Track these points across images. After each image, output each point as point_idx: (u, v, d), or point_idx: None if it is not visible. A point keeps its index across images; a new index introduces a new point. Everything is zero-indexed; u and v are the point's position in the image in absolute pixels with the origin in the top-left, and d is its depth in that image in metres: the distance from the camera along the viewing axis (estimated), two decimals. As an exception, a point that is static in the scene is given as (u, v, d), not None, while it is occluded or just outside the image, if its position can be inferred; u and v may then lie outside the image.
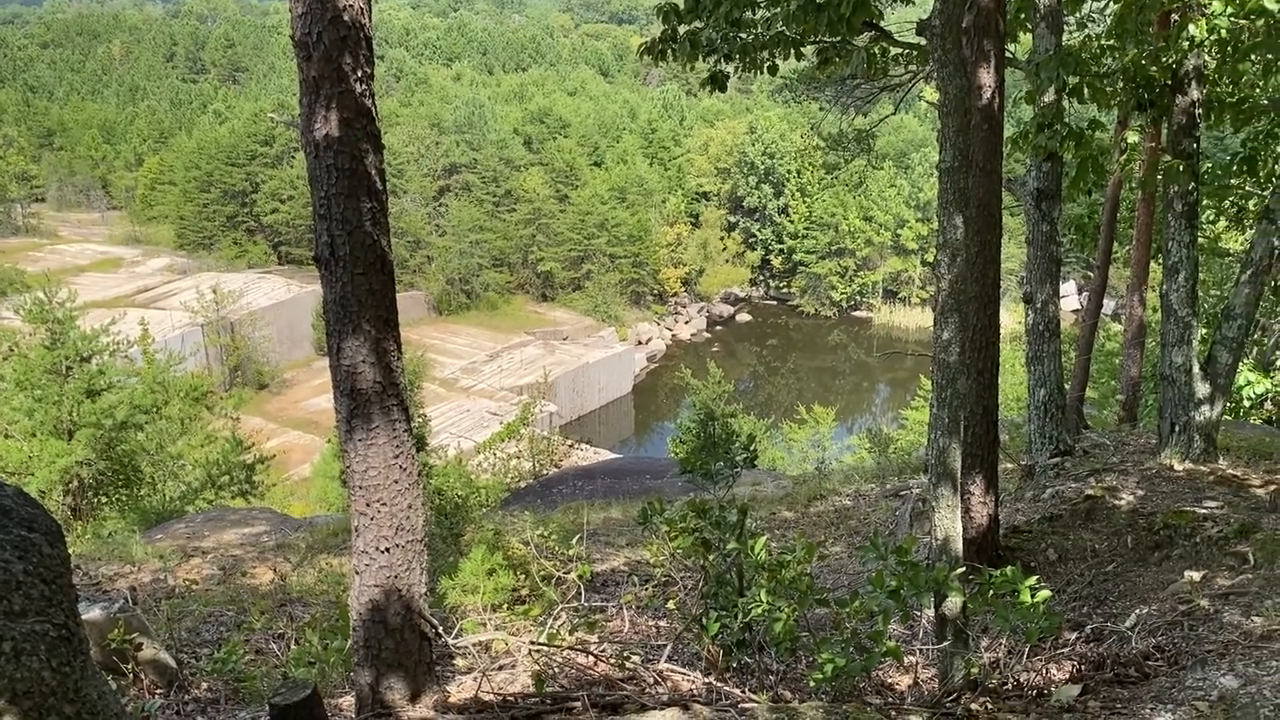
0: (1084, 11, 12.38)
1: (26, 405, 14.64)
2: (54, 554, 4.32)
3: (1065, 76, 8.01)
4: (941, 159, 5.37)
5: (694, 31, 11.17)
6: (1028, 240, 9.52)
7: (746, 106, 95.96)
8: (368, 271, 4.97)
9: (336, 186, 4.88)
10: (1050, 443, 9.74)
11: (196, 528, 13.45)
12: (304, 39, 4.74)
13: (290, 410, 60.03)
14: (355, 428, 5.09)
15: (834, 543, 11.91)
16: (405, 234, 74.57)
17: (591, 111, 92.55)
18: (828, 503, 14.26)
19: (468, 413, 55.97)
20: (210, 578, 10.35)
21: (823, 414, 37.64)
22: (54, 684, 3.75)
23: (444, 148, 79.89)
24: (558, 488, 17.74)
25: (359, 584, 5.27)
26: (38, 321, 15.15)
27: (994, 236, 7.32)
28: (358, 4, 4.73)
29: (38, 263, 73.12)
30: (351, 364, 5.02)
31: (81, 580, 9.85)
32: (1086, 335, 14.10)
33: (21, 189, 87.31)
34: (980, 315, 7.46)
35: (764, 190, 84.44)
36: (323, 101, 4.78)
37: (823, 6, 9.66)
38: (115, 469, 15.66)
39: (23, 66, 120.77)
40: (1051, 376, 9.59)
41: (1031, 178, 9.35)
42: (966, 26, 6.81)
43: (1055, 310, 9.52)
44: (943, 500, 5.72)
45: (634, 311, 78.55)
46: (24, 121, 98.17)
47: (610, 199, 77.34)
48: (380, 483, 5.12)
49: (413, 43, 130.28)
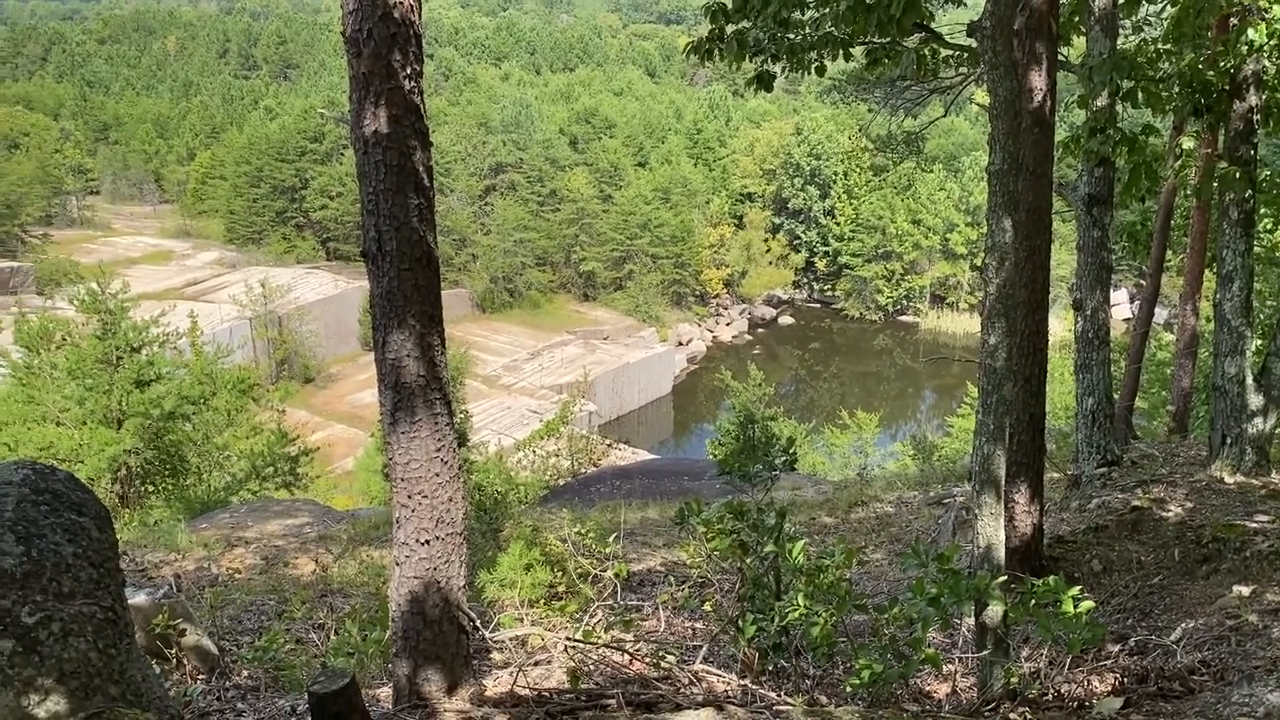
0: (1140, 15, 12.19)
1: (78, 394, 14.94)
2: (102, 538, 4.40)
3: (1119, 80, 7.88)
4: (991, 162, 5.31)
5: (741, 31, 11.13)
6: (1078, 246, 9.38)
7: (794, 107, 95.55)
8: (414, 267, 5.01)
9: (385, 182, 4.92)
10: (1097, 452, 9.58)
11: (240, 518, 13.64)
12: (354, 35, 4.79)
13: (335, 404, 60.72)
14: (399, 420, 5.13)
15: (874, 549, 11.82)
16: (451, 232, 75.11)
17: (637, 112, 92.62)
18: (869, 509, 14.16)
19: (508, 410, 56.28)
20: (253, 567, 10.50)
21: (866, 419, 37.34)
22: (100, 665, 3.83)
23: (490, 147, 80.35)
24: (595, 486, 17.77)
25: (399, 575, 5.32)
26: (90, 312, 15.47)
27: (1043, 241, 7.22)
28: (408, 1, 4.77)
29: (91, 254, 74.64)
30: (396, 357, 5.06)
31: (128, 567, 10.02)
32: (1137, 344, 13.87)
33: (77, 182, 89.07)
34: (1028, 321, 7.36)
35: (809, 192, 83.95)
36: (372, 98, 4.82)
37: (872, 7, 9.59)
38: (162, 458, 15.93)
39: (81, 62, 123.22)
40: (1100, 385, 9.44)
41: (1083, 183, 9.21)
42: (1018, 29, 6.72)
43: (1105, 318, 9.37)
44: (986, 508, 5.65)
45: (675, 312, 78.50)
46: (81, 116, 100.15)
47: (654, 199, 77.35)
48: (422, 475, 5.16)
49: (462, 42, 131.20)
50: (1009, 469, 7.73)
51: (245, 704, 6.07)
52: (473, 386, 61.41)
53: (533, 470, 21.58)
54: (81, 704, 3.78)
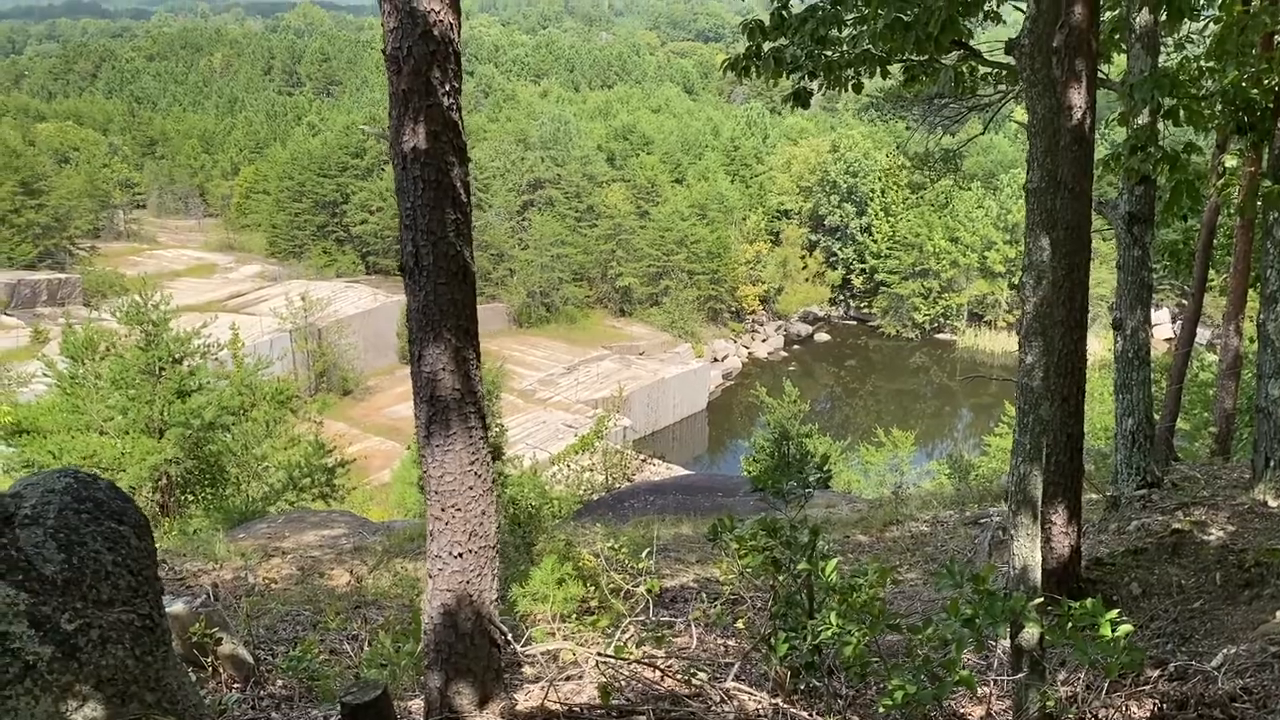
0: (1183, 32, 12.08)
1: (121, 403, 15.20)
2: (141, 547, 4.48)
3: (1160, 98, 7.81)
4: (1029, 179, 5.27)
5: (778, 48, 11.15)
6: (1118, 265, 9.28)
7: (831, 125, 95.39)
8: (450, 281, 5.06)
9: (423, 198, 4.98)
10: (1137, 474, 9.45)
11: (278, 528, 13.77)
12: (394, 53, 4.86)
13: (373, 416, 61.22)
14: (433, 433, 5.17)
15: (909, 569, 11.70)
16: (489, 247, 75.68)
17: (675, 128, 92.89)
18: (904, 528, 14.02)
19: (544, 424, 56.44)
20: (289, 577, 10.59)
21: (902, 437, 37.07)
22: (137, 672, 3.88)
23: (529, 163, 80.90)
24: (629, 502, 17.76)
25: (432, 588, 5.35)
26: (133, 323, 15.74)
27: (1082, 260, 7.15)
28: (447, 19, 4.84)
29: (137, 267, 75.90)
30: (432, 371, 5.11)
31: (167, 575, 10.15)
32: (1179, 364, 13.68)
33: (125, 196, 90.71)
34: (1066, 340, 7.29)
35: (846, 209, 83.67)
36: (411, 114, 4.89)
37: (910, 24, 9.58)
38: (202, 468, 16.16)
39: (130, 78, 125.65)
40: (1140, 406, 9.32)
41: (1124, 201, 9.12)
42: (1057, 46, 6.67)
43: (1146, 337, 9.26)
44: (1022, 528, 5.59)
45: (711, 328, 78.43)
46: (129, 131, 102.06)
47: (690, 215, 77.47)
48: (456, 488, 5.20)
49: (501, 59, 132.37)
50: (1046, 490, 7.65)
51: (279, 713, 6.13)
52: (509, 401, 61.69)
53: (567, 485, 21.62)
54: (118, 710, 3.84)
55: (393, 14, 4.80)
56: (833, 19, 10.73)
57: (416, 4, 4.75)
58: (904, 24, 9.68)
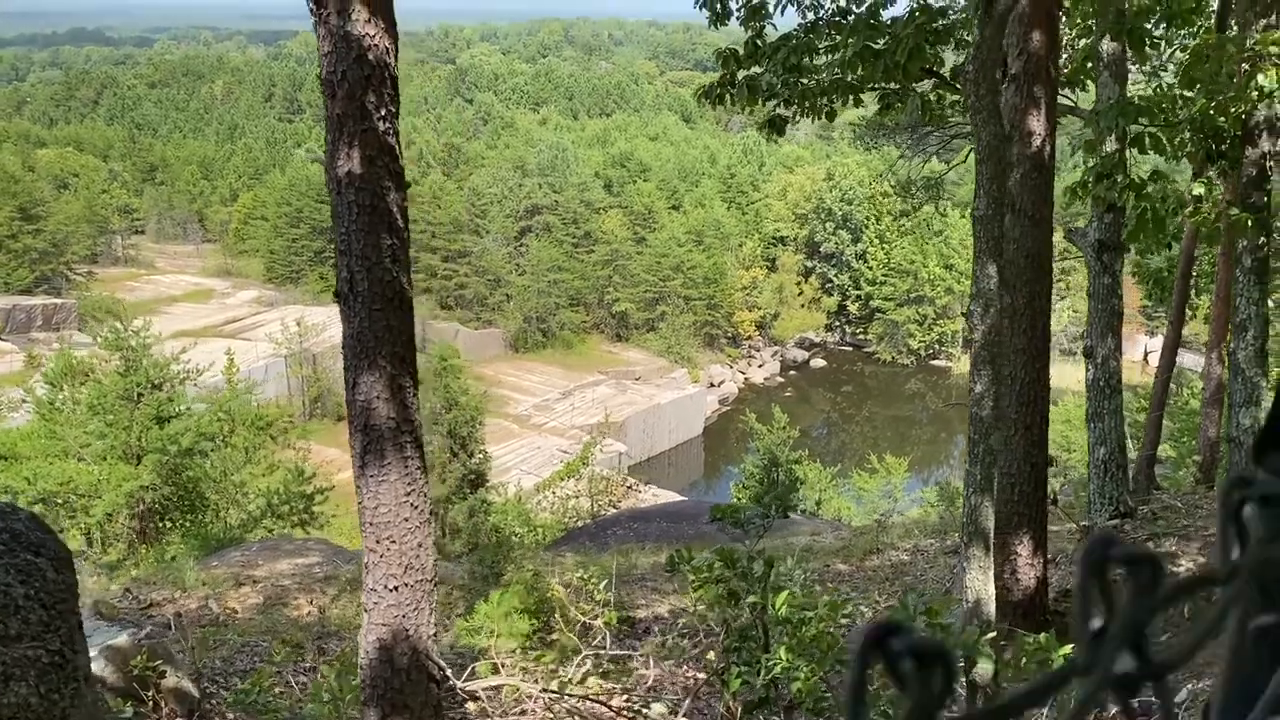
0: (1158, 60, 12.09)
1: (98, 429, 15.10)
2: (59, 580, 4.37)
3: (1125, 125, 7.77)
4: (975, 206, 5.22)
5: (753, 76, 11.16)
6: (1089, 292, 9.22)
7: (826, 153, 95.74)
8: (385, 308, 4.99)
9: (357, 223, 4.92)
10: (1110, 504, 9.35)
11: (252, 556, 13.63)
12: (329, 77, 4.81)
13: (366, 442, 60.93)
14: (368, 464, 5.09)
15: (888, 599, 11.58)
16: (486, 272, 75.80)
17: (672, 156, 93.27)
18: (884, 557, 13.89)
19: (539, 450, 56.23)
20: (254, 606, 10.46)
21: (895, 464, 36.90)
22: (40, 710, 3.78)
23: (527, 189, 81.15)
24: (612, 529, 17.62)
25: (368, 622, 5.25)
26: (113, 349, 15.66)
27: (1043, 287, 7.09)
28: (383, 44, 4.79)
29: (134, 292, 76.00)
30: (366, 400, 5.03)
31: (130, 604, 10.03)
32: (1158, 392, 13.59)
33: (123, 221, 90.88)
34: (1028, 369, 7.20)
35: (841, 236, 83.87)
36: (346, 139, 4.84)
37: (880, 53, 9.59)
38: (180, 494, 16.03)
39: (131, 105, 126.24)
40: (1113, 434, 9.22)
41: (1093, 229, 9.07)
42: (1015, 73, 6.65)
43: (1117, 365, 9.18)
44: (974, 561, 5.50)
45: (707, 353, 78.39)
46: (129, 157, 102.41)
47: (687, 242, 77.65)
48: (391, 520, 5.11)
49: (501, 88, 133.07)
50: (1010, 520, 7.55)
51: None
52: (503, 426, 61.54)
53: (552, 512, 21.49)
54: (15, 750, 3.73)
55: (327, 38, 4.76)
56: (805, 47, 10.75)
57: (351, 28, 4.71)
58: (873, 52, 9.70)
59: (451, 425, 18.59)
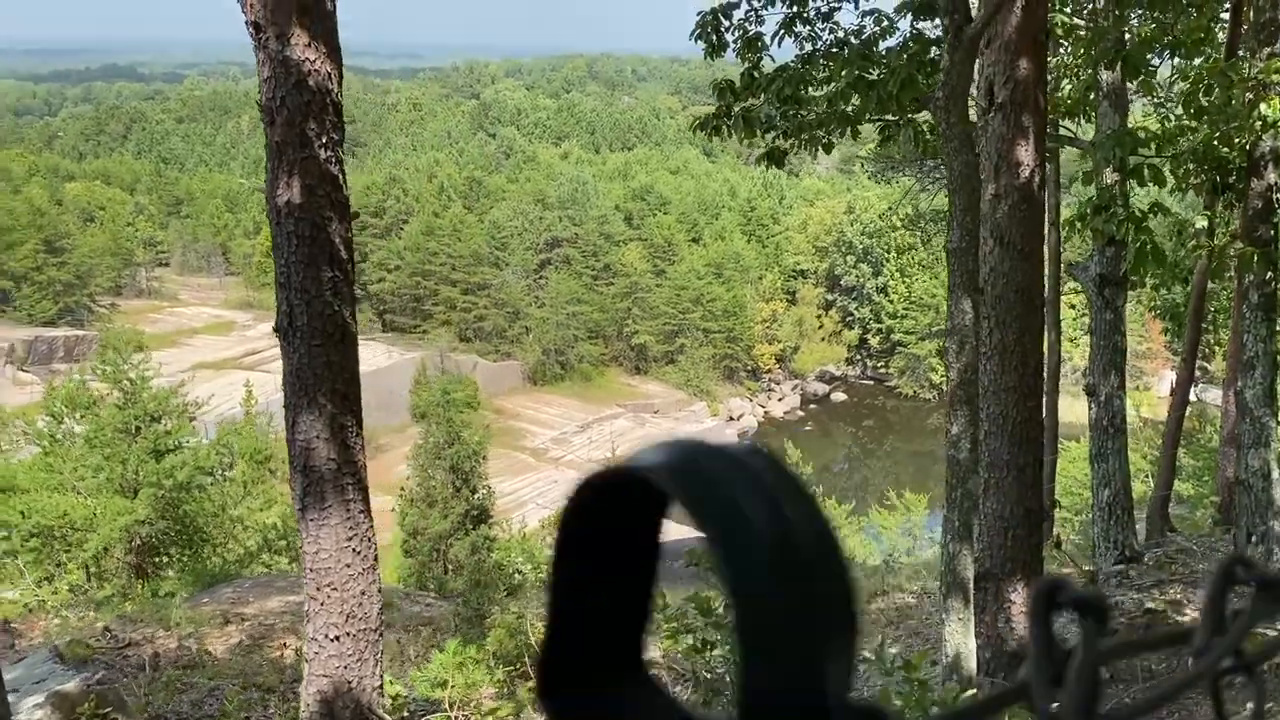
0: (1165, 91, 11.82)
1: (95, 462, 15.00)
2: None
3: (1124, 156, 7.50)
4: (949, 239, 4.96)
5: (748, 108, 11.00)
6: (1090, 329, 8.92)
7: (847, 186, 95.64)
8: (326, 343, 4.78)
9: (296, 254, 4.73)
10: (1115, 548, 8.99)
11: (243, 593, 13.43)
12: (268, 103, 4.64)
13: (382, 475, 60.76)
14: (308, 506, 4.86)
15: (892, 643, 11.22)
16: (505, 305, 75.98)
17: (692, 189, 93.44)
18: (889, 600, 13.54)
19: (556, 483, 55.94)
20: (235, 647, 10.23)
21: (915, 501, 36.26)
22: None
23: (547, 222, 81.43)
24: (615, 568, 17.26)
25: (309, 673, 5.00)
26: (111, 382, 15.60)
27: (1034, 323, 6.79)
28: (324, 69, 4.62)
29: (156, 324, 76.58)
30: (306, 439, 4.81)
31: (107, 643, 9.82)
32: (1172, 430, 13.20)
33: (148, 254, 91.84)
34: (1020, 408, 6.89)
35: (862, 269, 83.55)
36: (285, 167, 4.66)
37: (874, 83, 9.40)
38: (178, 529, 15.88)
39: (159, 139, 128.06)
40: (1117, 475, 8.88)
41: (1094, 263, 8.78)
42: (1003, 101, 6.40)
43: (1121, 404, 8.85)
44: (953, 613, 5.19)
45: (726, 387, 78.03)
46: (155, 191, 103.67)
47: (707, 274, 77.57)
48: (331, 566, 4.87)
49: (524, 122, 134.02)
50: (1005, 567, 7.22)
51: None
52: (521, 459, 61.35)
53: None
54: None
55: (266, 63, 4.59)
56: (800, 78, 10.59)
57: (290, 53, 4.54)
58: (868, 83, 9.51)
59: (454, 460, 18.37)
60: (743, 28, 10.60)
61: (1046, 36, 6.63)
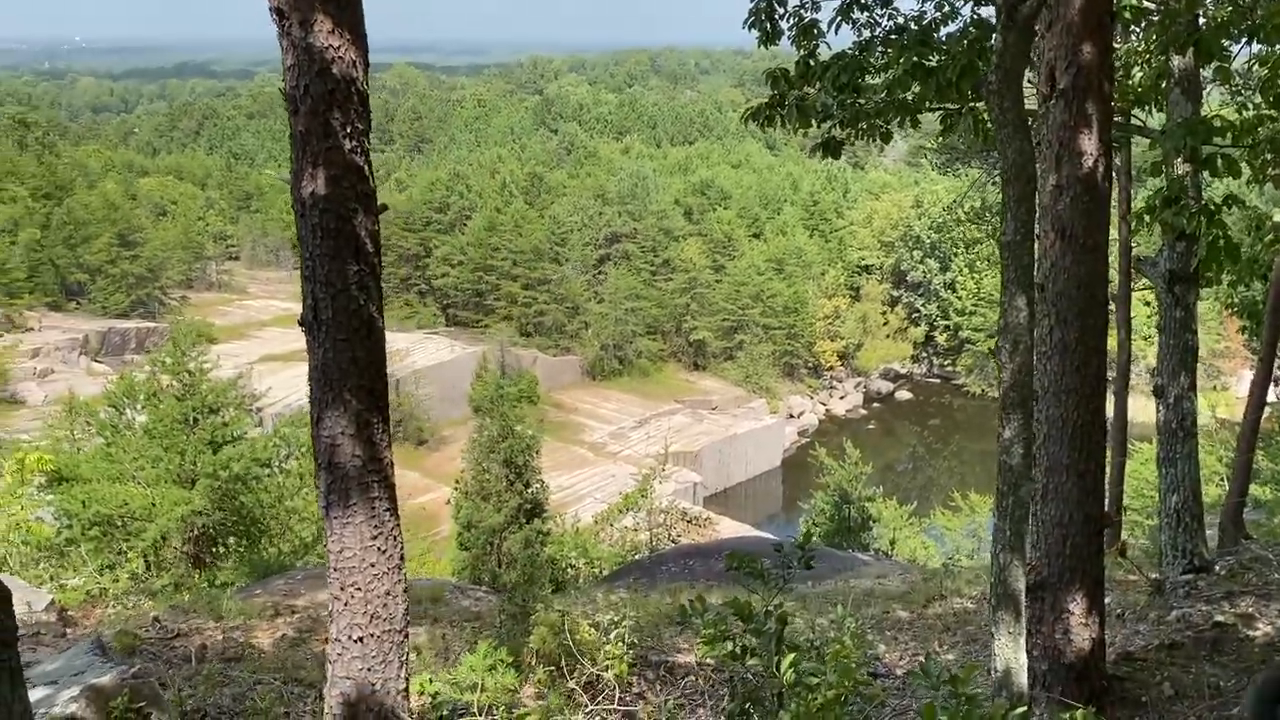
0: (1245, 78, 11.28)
1: (154, 453, 15.23)
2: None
3: (1195, 146, 7.11)
4: (1003, 231, 4.69)
5: (802, 97, 10.71)
6: (1159, 327, 8.52)
7: (914, 179, 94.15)
8: (351, 338, 4.66)
9: (321, 247, 4.61)
10: (1183, 556, 8.58)
11: (295, 585, 13.46)
12: (292, 92, 4.52)
13: (444, 466, 61.48)
14: (332, 504, 4.76)
15: (948, 650, 10.89)
16: (565, 300, 76.25)
17: (754, 183, 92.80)
18: (947, 604, 13.16)
19: (613, 478, 55.96)
20: (282, 640, 10.23)
21: (980, 502, 35.56)
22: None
23: (606, 217, 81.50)
24: (667, 565, 17.09)
25: (332, 674, 4.90)
26: (171, 374, 15.84)
27: (1097, 320, 6.46)
28: (349, 56, 4.49)
29: (225, 316, 78.17)
30: (331, 436, 4.70)
31: (156, 633, 9.89)
32: (1248, 433, 12.61)
33: (218, 247, 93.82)
34: (1082, 410, 6.57)
35: (929, 264, 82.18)
36: (310, 158, 4.54)
37: (933, 70, 9.09)
38: (234, 520, 16.07)
39: (230, 135, 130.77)
40: (1186, 481, 8.47)
41: (1164, 258, 8.38)
42: (1065, 88, 6.09)
43: (1191, 406, 8.44)
44: (1003, 626, 4.93)
45: (786, 384, 77.38)
46: (226, 186, 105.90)
47: (767, 270, 76.97)
48: (356, 565, 4.77)
49: (586, 117, 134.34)
50: (1062, 576, 6.90)
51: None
52: (579, 453, 61.51)
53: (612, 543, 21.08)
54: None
55: (289, 50, 4.47)
56: (858, 65, 10.28)
57: (314, 40, 4.42)
58: (926, 70, 9.20)
59: (508, 454, 18.36)
60: (798, 14, 10.32)
61: (1113, 19, 6.29)
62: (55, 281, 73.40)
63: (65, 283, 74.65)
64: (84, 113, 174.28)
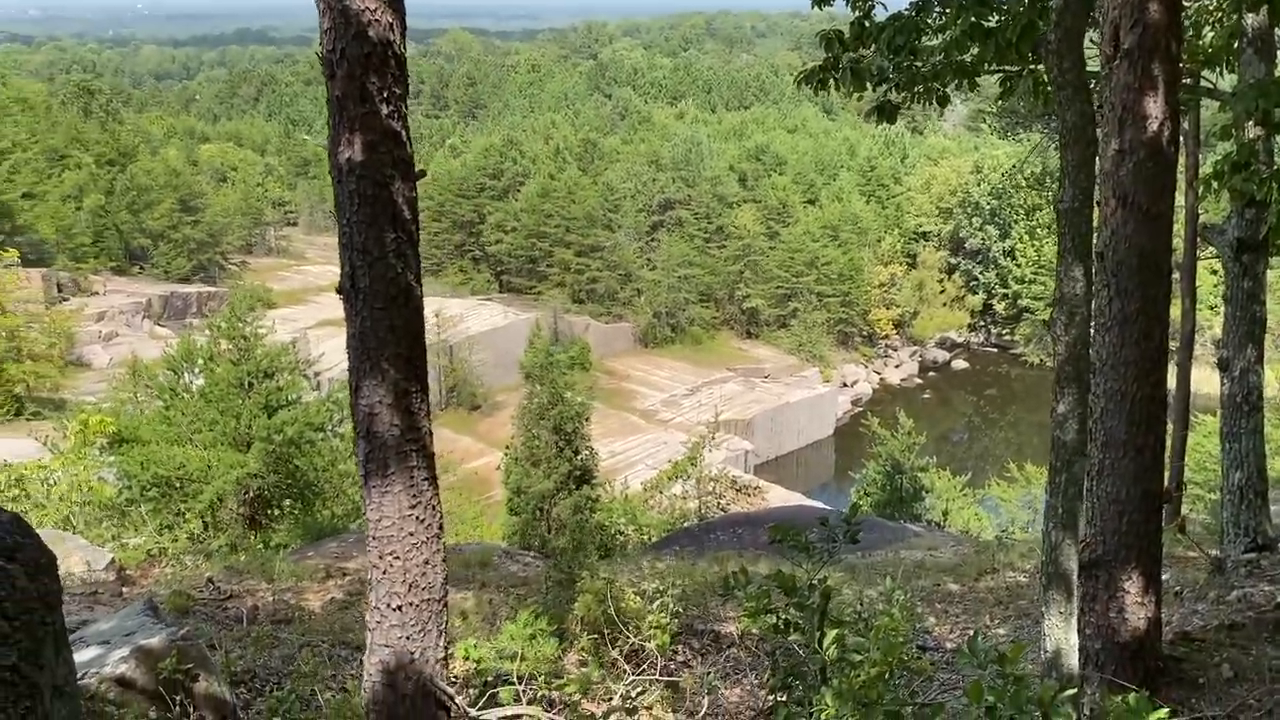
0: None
1: (210, 417, 15.50)
2: (30, 588, 4.12)
3: (1268, 109, 6.79)
4: (1061, 197, 4.50)
5: (856, 59, 10.47)
6: (1225, 298, 8.22)
7: (974, 144, 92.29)
8: (389, 306, 4.63)
9: (359, 214, 4.57)
10: (1246, 534, 8.32)
11: (347, 547, 13.65)
12: (328, 56, 4.47)
13: (498, 431, 61.97)
14: (371, 473, 4.74)
15: (999, 624, 10.73)
16: (618, 267, 76.09)
17: (810, 149, 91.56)
18: (999, 578, 12.96)
19: (665, 445, 56.03)
20: (333, 603, 10.37)
21: (1036, 473, 35.03)
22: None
23: (660, 184, 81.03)
24: (716, 533, 17.07)
25: (371, 642, 4.91)
26: (227, 338, 16.07)
27: (1159, 291, 6.22)
28: (385, 19, 4.41)
29: (284, 281, 79.27)
30: (369, 405, 4.68)
31: (210, 594, 10.08)
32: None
33: (276, 213, 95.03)
34: (1142, 384, 6.35)
35: (989, 231, 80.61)
36: (346, 123, 4.49)
37: (991, 31, 8.82)
38: (288, 483, 16.33)
39: (288, 102, 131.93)
40: (1250, 457, 8.19)
41: (1231, 226, 8.06)
42: (1130, 48, 5.82)
43: (1257, 380, 8.14)
44: (1054, 605, 4.79)
45: (840, 352, 76.67)
46: (284, 152, 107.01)
47: (822, 237, 76.07)
48: (394, 534, 4.75)
49: (640, 82, 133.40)
50: (1118, 553, 6.71)
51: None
52: (631, 420, 61.63)
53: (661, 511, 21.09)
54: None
55: (326, 13, 4.41)
56: (914, 26, 9.99)
57: (350, 2, 4.34)
58: (984, 30, 8.93)
59: (557, 420, 18.41)
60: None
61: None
62: (119, 246, 74.88)
63: (129, 248, 76.14)
64: (147, 80, 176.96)
